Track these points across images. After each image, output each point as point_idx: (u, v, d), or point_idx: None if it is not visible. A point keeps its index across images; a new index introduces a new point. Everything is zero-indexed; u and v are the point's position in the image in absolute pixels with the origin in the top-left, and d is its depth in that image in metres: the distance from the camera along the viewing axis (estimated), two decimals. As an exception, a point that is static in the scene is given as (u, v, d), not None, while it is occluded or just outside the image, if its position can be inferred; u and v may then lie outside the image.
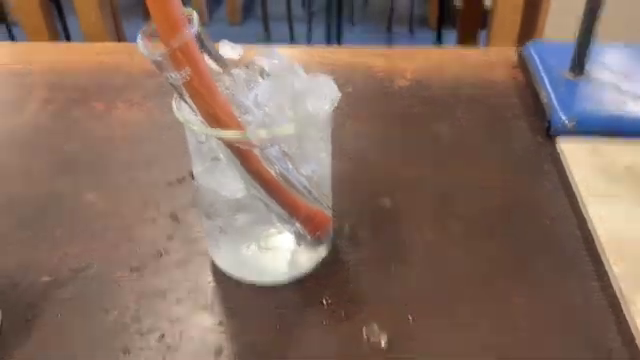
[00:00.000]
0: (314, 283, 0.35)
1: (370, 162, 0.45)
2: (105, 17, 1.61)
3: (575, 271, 0.35)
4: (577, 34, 0.51)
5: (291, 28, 2.13)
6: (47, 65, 0.61)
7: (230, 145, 0.29)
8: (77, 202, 0.42)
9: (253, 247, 0.34)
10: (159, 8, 0.25)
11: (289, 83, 0.31)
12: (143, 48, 0.26)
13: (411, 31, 2.57)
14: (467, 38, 1.89)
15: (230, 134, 0.28)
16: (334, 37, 2.02)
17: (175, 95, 0.29)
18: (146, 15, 0.25)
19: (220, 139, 0.29)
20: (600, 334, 0.31)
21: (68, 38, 1.96)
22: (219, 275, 0.36)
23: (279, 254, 0.34)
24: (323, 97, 0.31)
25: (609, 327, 0.32)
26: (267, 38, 1.94)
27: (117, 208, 0.41)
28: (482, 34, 1.77)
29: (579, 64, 0.51)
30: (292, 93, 0.30)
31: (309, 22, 2.48)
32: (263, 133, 0.29)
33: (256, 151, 0.30)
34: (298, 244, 0.34)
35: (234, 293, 0.34)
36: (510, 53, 0.61)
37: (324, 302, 0.33)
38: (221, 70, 0.29)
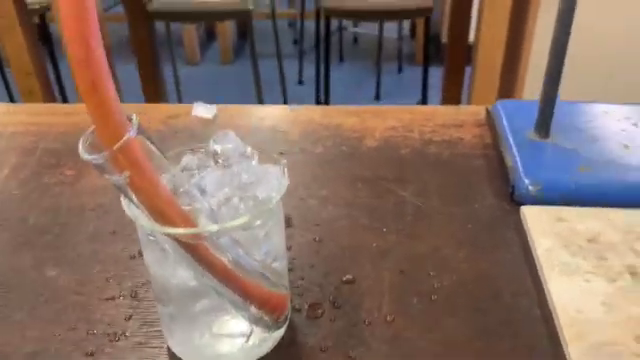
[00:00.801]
0: (270, 368, 0.34)
1: (334, 231, 0.45)
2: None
3: (533, 354, 0.35)
4: (540, 96, 0.52)
5: (281, 68, 2.16)
6: (21, 127, 0.61)
7: (177, 239, 0.29)
8: (39, 278, 0.42)
9: (207, 335, 0.34)
10: (98, 114, 0.25)
11: (237, 173, 0.31)
12: (83, 152, 0.26)
13: (400, 68, 2.60)
14: (453, 74, 1.92)
15: (176, 231, 0.28)
16: (323, 75, 2.04)
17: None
18: (137, 55, 0.25)
19: (168, 235, 0.29)
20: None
21: (59, 81, 1.99)
22: (176, 359, 0.35)
23: (234, 340, 0.34)
24: (272, 186, 0.31)
25: (565, 414, 0.31)
26: (257, 78, 1.96)
27: (78, 285, 0.41)
28: (468, 69, 1.80)
29: (544, 125, 0.52)
30: (240, 183, 0.31)
31: (300, 60, 2.51)
32: (213, 228, 0.29)
33: (205, 242, 0.30)
34: (253, 328, 0.34)
35: (189, 379, 0.34)
36: (480, 111, 0.61)
37: (279, 389, 0.33)
38: (167, 160, 0.29)
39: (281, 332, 0.36)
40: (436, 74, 2.14)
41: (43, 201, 0.50)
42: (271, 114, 0.64)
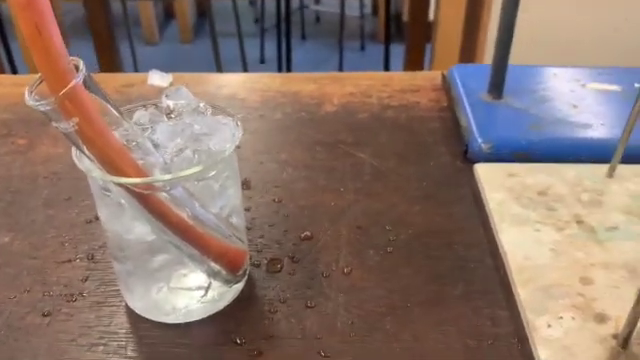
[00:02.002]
0: (229, 321, 0.35)
1: (294, 192, 0.46)
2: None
3: (486, 298, 0.36)
4: (492, 58, 0.53)
5: (241, 46, 2.14)
6: (-31, 99, 0.59)
7: (131, 190, 0.29)
8: (-9, 244, 0.41)
9: (164, 289, 0.34)
10: (43, 58, 0.25)
11: (189, 124, 0.31)
12: (30, 99, 0.26)
13: (362, 46, 2.60)
14: (414, 51, 1.93)
15: (129, 180, 0.28)
16: (285, 53, 2.03)
17: (73, 142, 0.29)
18: (93, 34, 0.24)
19: (120, 185, 0.29)
20: (506, 360, 0.32)
21: (11, 60, 1.92)
22: (133, 317, 0.35)
23: (192, 293, 0.34)
24: (225, 137, 0.31)
25: (514, 354, 0.33)
26: (217, 57, 1.94)
27: (33, 249, 0.40)
28: (429, 47, 1.82)
29: (496, 87, 0.53)
30: (192, 134, 0.30)
31: (261, 38, 2.49)
32: (165, 177, 0.29)
33: (159, 194, 0.30)
34: (211, 282, 0.34)
35: (148, 335, 0.34)
36: (436, 76, 0.62)
37: (238, 341, 0.33)
38: (119, 114, 0.29)
39: (240, 286, 0.36)
40: (398, 51, 2.15)
41: (-6, 170, 0.49)
42: (229, 82, 0.63)
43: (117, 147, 0.28)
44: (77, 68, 0.26)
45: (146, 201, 0.30)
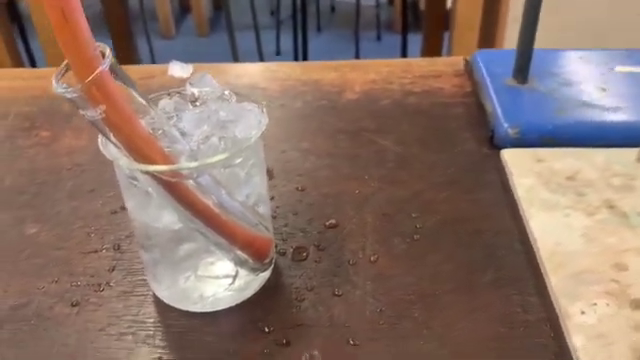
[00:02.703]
0: (257, 309, 0.34)
1: (317, 180, 0.45)
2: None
3: (516, 285, 0.35)
4: (517, 42, 0.52)
5: (258, 38, 2.13)
6: (-8, 93, 0.60)
7: (159, 178, 0.29)
8: (19, 236, 0.41)
9: (192, 277, 0.34)
10: (70, 45, 0.25)
11: (214, 111, 0.30)
12: (57, 87, 0.26)
13: (378, 36, 2.59)
14: (432, 40, 1.91)
15: (156, 168, 0.28)
16: (301, 45, 2.02)
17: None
18: (111, 29, 0.24)
19: (147, 173, 0.29)
20: (539, 348, 0.32)
21: (31, 58, 1.94)
22: (161, 306, 0.35)
23: (219, 282, 0.34)
24: (250, 124, 0.30)
25: (547, 342, 0.32)
26: (234, 49, 1.94)
27: (59, 240, 0.41)
28: (446, 36, 1.80)
29: (522, 72, 0.52)
30: (218, 121, 0.30)
31: (277, 30, 2.48)
32: (193, 165, 0.29)
33: (186, 182, 0.30)
34: (238, 270, 0.34)
35: (176, 323, 0.34)
36: (458, 62, 0.61)
37: (266, 329, 0.33)
38: (145, 102, 0.29)
39: (267, 274, 0.36)
40: (415, 41, 2.13)
41: (18, 163, 0.49)
42: (249, 72, 0.63)
43: (144, 134, 0.28)
44: (103, 55, 0.25)
45: (173, 189, 0.29)
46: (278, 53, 2.50)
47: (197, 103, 0.33)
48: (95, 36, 0.25)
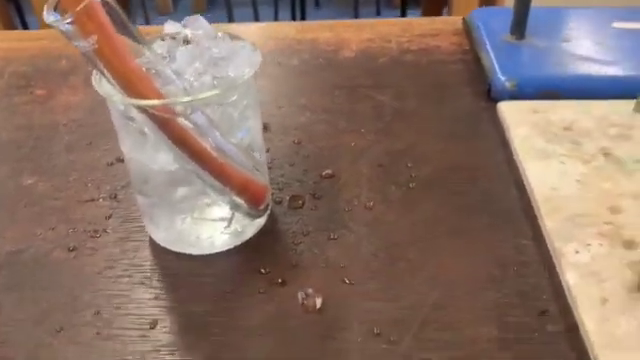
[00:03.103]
0: (253, 252, 0.35)
1: (313, 134, 0.45)
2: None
3: (510, 228, 0.36)
4: (516, -2, 0.51)
5: (256, 13, 2.12)
6: (-12, 53, 0.60)
7: (153, 115, 0.29)
8: (16, 186, 0.41)
9: (188, 219, 0.34)
10: (61, -26, 0.24)
11: (207, 48, 0.30)
12: (49, 15, 0.25)
13: (378, 12, 2.56)
14: (431, 15, 1.89)
15: (148, 102, 0.28)
16: (299, 20, 2.01)
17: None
18: None
19: (141, 109, 0.29)
20: (533, 288, 0.32)
21: (23, 19, 1.92)
22: (157, 250, 0.35)
23: (215, 224, 0.34)
24: (243, 62, 0.30)
25: (541, 282, 0.32)
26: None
27: (56, 190, 0.41)
28: (445, 12, 1.78)
29: (519, 28, 0.52)
30: (211, 59, 0.30)
31: (275, 7, 2.46)
32: (185, 99, 0.29)
33: (181, 120, 0.30)
34: (234, 213, 0.34)
35: (172, 266, 0.34)
36: (457, 21, 0.61)
37: (262, 270, 0.33)
38: (139, 43, 0.29)
39: (262, 220, 0.36)
40: (414, 16, 2.11)
41: (15, 119, 0.49)
42: (245, 32, 0.62)
43: (136, 69, 0.28)
44: (94, -16, 0.25)
45: (168, 127, 0.29)
46: (277, 29, 2.48)
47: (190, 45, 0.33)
48: None
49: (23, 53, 0.59)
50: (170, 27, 0.63)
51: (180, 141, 0.30)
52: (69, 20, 0.25)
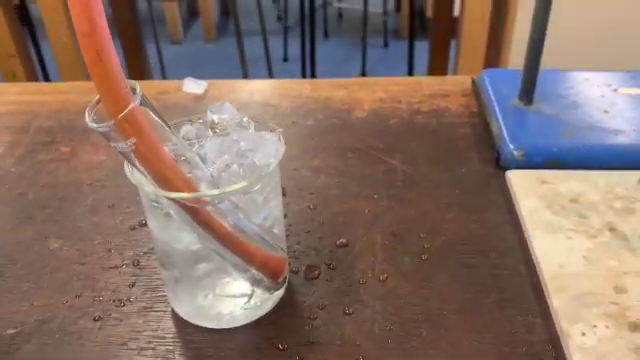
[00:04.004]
0: (271, 327, 0.36)
1: (327, 199, 0.47)
2: (77, 38, 1.62)
3: (519, 307, 0.37)
4: (524, 64, 0.53)
5: (266, 44, 2.15)
6: (12, 107, 0.62)
7: (181, 203, 0.31)
8: (43, 250, 0.43)
9: (210, 296, 0.35)
10: (104, 83, 0.26)
11: (235, 141, 0.32)
12: (90, 121, 0.27)
13: (385, 43, 2.60)
14: (439, 48, 1.92)
15: (180, 195, 0.30)
16: (309, 52, 2.04)
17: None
18: (120, 34, 0.26)
19: (171, 199, 0.30)
20: (541, 367, 0.33)
21: (41, 62, 1.96)
22: (179, 321, 0.37)
23: (236, 300, 0.36)
24: (269, 153, 0.32)
25: (549, 360, 0.33)
26: (242, 56, 1.96)
27: (81, 256, 0.42)
28: (453, 43, 1.81)
29: (527, 94, 0.54)
30: (238, 150, 0.32)
31: (284, 36, 2.50)
32: (214, 192, 0.30)
33: (207, 207, 0.31)
34: (254, 289, 0.36)
35: (194, 339, 0.36)
36: (466, 81, 0.63)
37: (280, 346, 0.35)
38: (169, 129, 0.30)
39: (281, 293, 0.38)
40: (422, 48, 2.14)
41: (40, 177, 0.51)
42: (261, 89, 0.65)
43: (169, 164, 0.29)
44: (134, 90, 0.27)
45: (194, 213, 0.31)
46: (285, 59, 2.52)
47: (217, 130, 0.35)
48: None
49: (47, 107, 0.61)
50: (190, 84, 0.65)
51: (205, 224, 0.32)
52: (110, 126, 0.27)
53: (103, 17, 0.26)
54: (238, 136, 0.32)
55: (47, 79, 1.98)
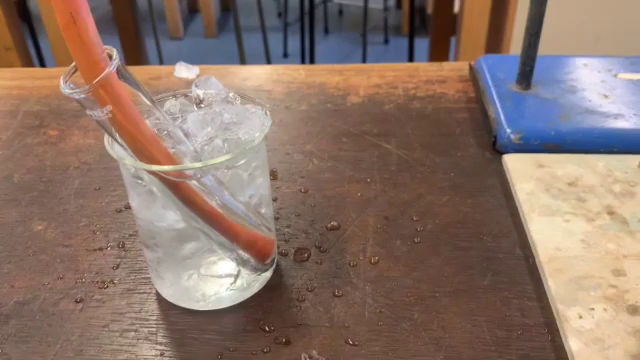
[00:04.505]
0: (258, 308, 0.35)
1: (320, 183, 0.46)
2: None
3: (515, 289, 0.36)
4: (521, 49, 0.52)
5: (265, 40, 2.14)
6: (3, 91, 0.61)
7: (163, 178, 0.30)
8: (26, 232, 0.42)
9: (195, 276, 0.34)
10: (78, 47, 0.25)
11: (218, 113, 0.31)
12: (65, 87, 0.26)
13: (385, 40, 2.59)
14: (439, 44, 1.91)
15: (160, 168, 0.28)
16: (308, 48, 2.03)
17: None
18: (120, 29, 0.25)
19: (152, 173, 0.29)
20: (537, 353, 0.32)
21: (39, 56, 1.96)
22: (164, 303, 0.36)
23: (221, 281, 0.34)
24: (254, 126, 0.31)
25: (545, 346, 0.32)
26: (241, 51, 1.95)
27: (65, 238, 0.41)
28: (453, 40, 1.80)
29: (525, 78, 0.53)
30: (222, 123, 0.31)
31: (284, 33, 2.49)
32: (196, 165, 0.29)
33: (190, 182, 0.30)
34: (240, 270, 0.35)
35: (178, 321, 0.34)
36: (463, 67, 0.62)
37: (267, 328, 0.34)
38: (151, 103, 0.29)
39: (268, 274, 0.37)
40: (422, 45, 2.14)
41: (27, 160, 0.50)
42: (254, 74, 0.64)
43: (149, 135, 0.28)
44: (110, 57, 0.26)
45: (177, 189, 0.30)
46: (285, 55, 2.51)
47: (202, 105, 0.33)
48: (104, 37, 0.26)
49: (37, 92, 0.60)
50: (182, 69, 0.64)
51: (189, 201, 0.31)
52: (85, 92, 0.26)
53: (78, -22, 0.24)
54: (221, 108, 0.31)
55: (45, 74, 1.97)
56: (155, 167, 0.28)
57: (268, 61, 2.19)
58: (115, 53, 0.26)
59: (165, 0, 2.58)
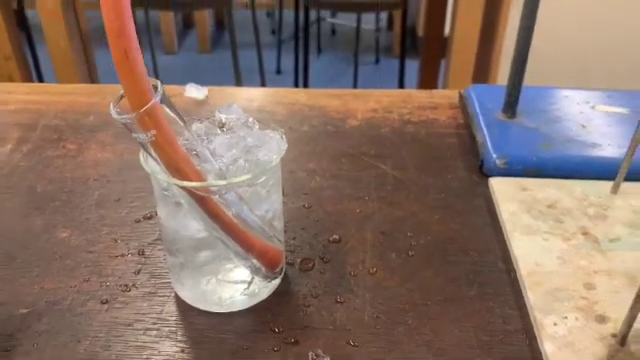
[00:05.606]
0: (268, 312, 0.39)
1: (322, 199, 0.50)
2: (74, 42, 1.65)
3: (497, 300, 0.40)
4: (508, 79, 0.57)
5: (260, 57, 2.19)
6: (20, 105, 0.64)
7: (192, 192, 0.34)
8: (52, 239, 0.45)
9: (213, 281, 0.38)
10: (129, 79, 0.29)
11: (242, 137, 0.35)
12: (114, 113, 0.30)
13: (377, 60, 2.65)
14: (429, 66, 1.98)
15: (191, 184, 0.32)
16: (302, 66, 2.08)
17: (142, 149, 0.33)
18: None
19: (183, 188, 0.33)
20: (516, 355, 0.36)
21: (37, 66, 1.98)
22: (182, 305, 0.39)
23: (236, 286, 0.38)
24: (272, 149, 0.35)
25: (524, 349, 0.36)
26: (236, 67, 1.99)
27: (89, 245, 0.45)
28: (444, 62, 1.86)
29: (510, 107, 0.57)
30: (245, 146, 0.35)
31: (278, 50, 2.54)
32: (222, 183, 0.33)
33: (214, 197, 0.34)
34: (254, 277, 0.38)
35: (196, 322, 0.38)
36: (453, 95, 0.66)
37: (276, 329, 0.37)
38: (183, 125, 0.33)
39: (277, 282, 0.40)
40: (413, 66, 2.20)
41: (48, 172, 0.53)
42: (258, 96, 0.68)
43: (183, 155, 0.32)
44: (155, 88, 0.30)
45: (203, 202, 0.34)
46: (279, 72, 2.56)
47: (224, 128, 0.38)
48: (100, 48, 0.29)
49: (54, 107, 0.64)
50: (192, 89, 0.68)
51: (212, 213, 0.35)
52: (133, 118, 0.29)
53: (131, 17, 0.29)
54: (245, 133, 0.35)
55: (42, 82, 2.00)
56: (187, 183, 0.32)
57: (262, 77, 2.23)
58: (159, 85, 0.30)
59: (161, 14, 2.63)
